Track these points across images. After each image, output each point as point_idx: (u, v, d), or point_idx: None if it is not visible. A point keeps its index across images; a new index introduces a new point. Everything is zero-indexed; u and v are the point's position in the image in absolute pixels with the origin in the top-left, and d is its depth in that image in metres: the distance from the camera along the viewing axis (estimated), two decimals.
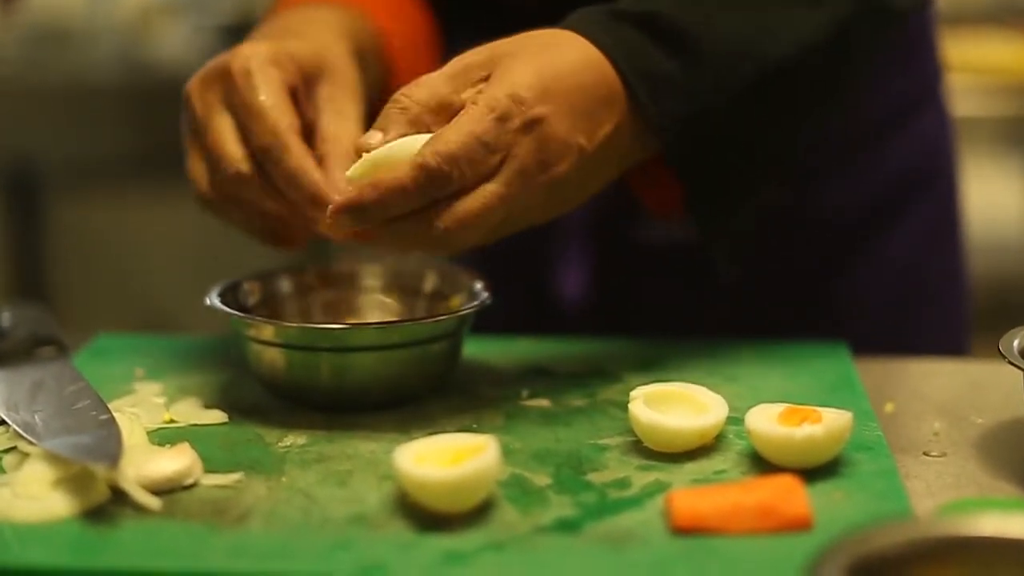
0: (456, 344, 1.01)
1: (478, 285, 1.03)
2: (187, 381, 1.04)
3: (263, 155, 0.97)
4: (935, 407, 1.01)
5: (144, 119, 2.97)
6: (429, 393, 1.00)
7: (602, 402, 0.99)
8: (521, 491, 0.85)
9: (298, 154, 0.96)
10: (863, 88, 1.13)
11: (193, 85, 1.01)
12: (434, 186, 0.89)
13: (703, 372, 1.04)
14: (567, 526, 0.80)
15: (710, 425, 0.90)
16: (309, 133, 1.00)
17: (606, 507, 0.82)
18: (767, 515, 0.79)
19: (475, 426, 0.95)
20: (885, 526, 0.68)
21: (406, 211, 0.90)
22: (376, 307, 1.08)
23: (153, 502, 0.82)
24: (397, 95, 0.94)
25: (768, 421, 0.88)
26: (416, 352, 0.97)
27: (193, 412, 0.98)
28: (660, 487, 0.85)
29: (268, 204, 0.99)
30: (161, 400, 1.00)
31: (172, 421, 0.97)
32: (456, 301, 1.04)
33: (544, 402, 1.00)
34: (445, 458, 0.82)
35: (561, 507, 0.82)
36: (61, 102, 3.04)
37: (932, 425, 0.97)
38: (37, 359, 1.04)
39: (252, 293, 1.05)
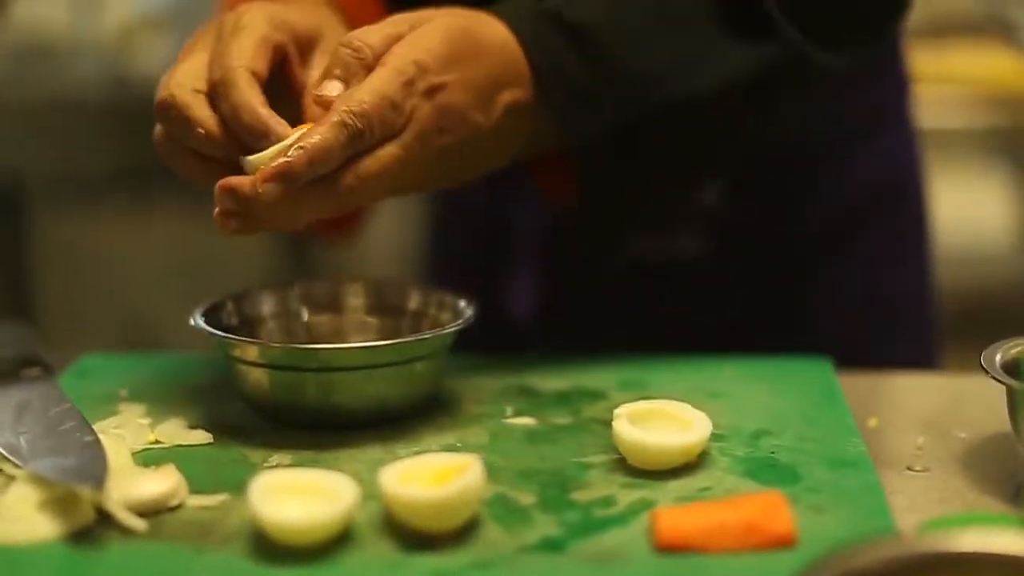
0: (441, 363, 1.01)
1: (462, 303, 1.03)
2: (172, 401, 1.04)
3: (215, 91, 0.94)
4: (918, 422, 1.01)
5: (128, 135, 2.96)
6: (414, 412, 1.00)
7: (586, 420, 1.00)
8: (506, 510, 0.85)
9: (244, 90, 0.93)
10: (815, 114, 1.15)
11: (201, 29, 1.01)
12: (351, 145, 0.91)
13: (687, 389, 1.04)
14: (552, 545, 0.80)
15: (694, 442, 0.90)
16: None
17: (591, 525, 0.83)
18: (751, 532, 0.79)
19: (459, 444, 0.95)
20: (870, 543, 0.69)
21: (324, 172, 0.91)
22: (360, 326, 1.08)
23: (139, 524, 0.82)
24: (350, 39, 0.95)
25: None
26: (401, 371, 0.97)
27: (178, 433, 0.98)
28: (645, 505, 0.85)
29: (195, 136, 0.95)
30: (146, 421, 1.00)
31: (157, 442, 0.97)
32: (440, 320, 1.05)
33: (528, 420, 1.00)
34: (430, 477, 0.82)
35: (546, 526, 0.83)
36: (44, 118, 3.04)
37: (916, 440, 0.97)
38: (22, 380, 1.04)
39: (236, 312, 1.05)
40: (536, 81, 0.99)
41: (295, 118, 0.95)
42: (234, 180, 0.92)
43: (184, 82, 0.95)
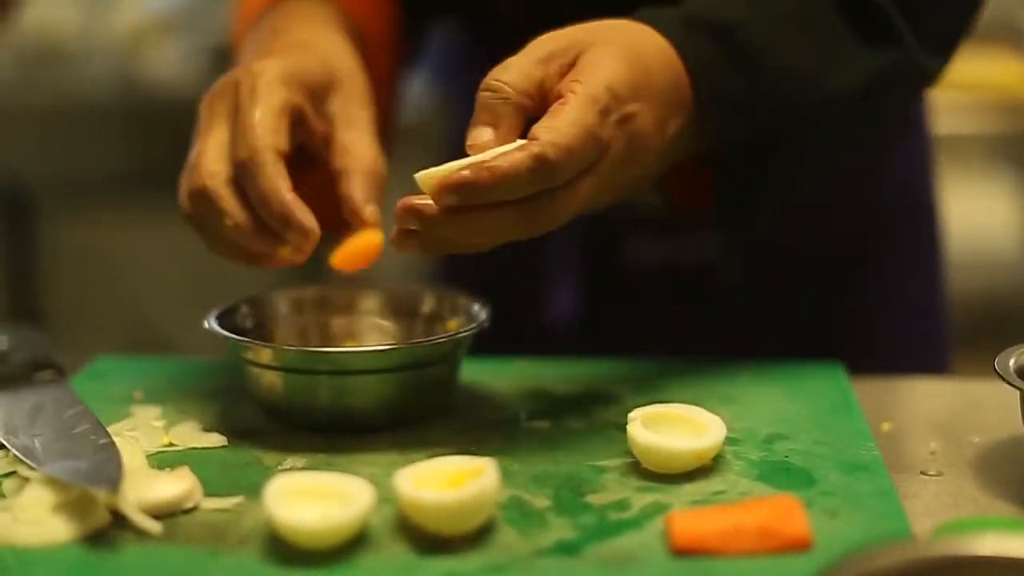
0: (455, 366, 1.01)
1: (476, 307, 1.04)
2: (186, 404, 1.04)
3: (240, 171, 0.96)
4: (932, 426, 1.01)
5: (138, 138, 2.98)
6: (428, 415, 1.00)
7: (600, 423, 1.00)
8: (520, 513, 0.85)
9: (272, 174, 0.95)
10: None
11: (206, 96, 1.01)
12: (547, 177, 0.88)
13: (701, 393, 1.04)
14: (567, 548, 0.80)
15: (708, 446, 0.90)
16: (325, 146, 1.02)
17: (606, 529, 0.83)
18: (767, 536, 0.79)
19: (474, 448, 0.95)
20: (885, 546, 0.69)
21: (509, 198, 0.88)
22: (374, 330, 1.08)
23: (154, 526, 0.82)
24: (490, 82, 0.92)
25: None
26: (415, 375, 0.98)
27: (192, 435, 0.98)
28: (659, 508, 0.85)
29: (225, 226, 0.97)
30: (160, 423, 1.00)
31: (171, 444, 0.97)
32: (454, 323, 1.05)
33: (543, 424, 1.00)
34: (444, 481, 0.83)
35: (561, 529, 0.83)
36: (55, 121, 3.04)
37: (929, 444, 0.97)
38: (35, 383, 1.05)
39: (250, 315, 1.06)
40: (694, 91, 0.98)
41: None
42: (415, 199, 0.89)
43: (215, 170, 0.96)
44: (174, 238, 3.07)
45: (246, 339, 0.99)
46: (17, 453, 0.91)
